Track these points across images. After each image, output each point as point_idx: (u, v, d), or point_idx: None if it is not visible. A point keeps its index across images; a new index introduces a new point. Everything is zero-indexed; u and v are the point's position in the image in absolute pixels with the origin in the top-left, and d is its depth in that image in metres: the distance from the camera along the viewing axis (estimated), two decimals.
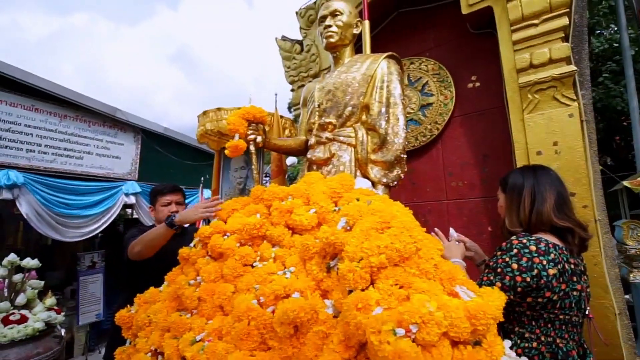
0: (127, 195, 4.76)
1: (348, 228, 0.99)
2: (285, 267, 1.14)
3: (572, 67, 1.64)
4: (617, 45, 5.86)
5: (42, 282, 2.57)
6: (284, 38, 2.80)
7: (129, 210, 6.87)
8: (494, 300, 0.77)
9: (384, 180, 1.49)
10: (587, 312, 1.09)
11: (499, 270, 1.01)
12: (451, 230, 1.39)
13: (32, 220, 3.91)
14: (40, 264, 2.56)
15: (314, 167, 1.61)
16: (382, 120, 1.50)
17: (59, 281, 5.18)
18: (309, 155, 1.65)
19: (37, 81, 4.25)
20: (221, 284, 1.21)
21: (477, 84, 2.16)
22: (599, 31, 6.20)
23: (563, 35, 1.69)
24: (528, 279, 0.96)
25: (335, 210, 1.19)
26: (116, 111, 5.02)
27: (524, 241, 1.01)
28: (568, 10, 1.67)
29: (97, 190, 4.56)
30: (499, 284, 0.99)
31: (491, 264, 1.06)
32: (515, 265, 0.99)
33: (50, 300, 2.53)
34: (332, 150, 1.56)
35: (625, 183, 3.44)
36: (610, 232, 1.86)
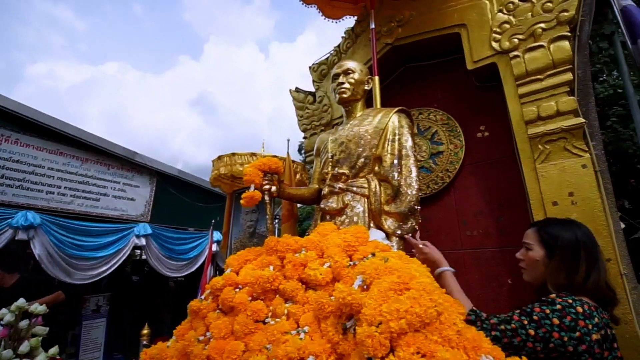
0: (138, 236, 4.79)
1: (365, 287, 0.97)
2: (298, 326, 1.10)
3: (581, 120, 1.67)
4: (621, 90, 5.98)
5: (47, 329, 2.51)
6: (298, 89, 2.96)
7: (137, 252, 6.86)
8: None
9: (399, 232, 1.47)
10: None
11: (535, 317, 0.95)
12: (411, 239, 1.42)
13: (43, 262, 3.93)
14: (48, 310, 2.53)
15: (327, 217, 1.61)
16: (395, 172, 1.53)
17: (62, 325, 5.05)
18: (322, 205, 1.67)
19: (64, 127, 4.51)
20: (231, 341, 1.17)
21: (486, 134, 2.20)
22: (602, 78, 6.37)
23: (568, 89, 1.74)
24: (565, 339, 0.90)
25: (350, 264, 1.17)
26: (135, 155, 5.23)
27: (570, 301, 0.96)
28: (571, 66, 1.74)
29: (109, 231, 4.61)
30: (532, 331, 0.93)
31: (526, 308, 1.00)
32: (556, 321, 0.92)
33: (53, 349, 2.46)
34: (346, 201, 1.57)
35: None
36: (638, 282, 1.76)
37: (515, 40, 1.86)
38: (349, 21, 2.71)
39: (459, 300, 1.08)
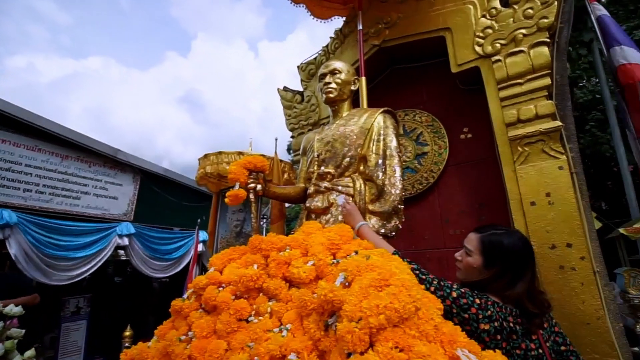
0: (120, 236, 4.69)
1: (347, 284, 0.98)
2: (281, 323, 1.10)
3: (558, 123, 1.73)
4: (599, 96, 6.21)
5: (23, 331, 2.44)
6: (286, 89, 2.96)
7: (120, 252, 6.71)
8: None
9: (382, 230, 1.49)
10: None
11: (442, 284, 1.07)
12: (340, 198, 1.49)
13: (19, 262, 3.80)
14: (24, 311, 2.45)
15: (313, 216, 1.62)
16: (379, 171, 1.55)
17: (40, 327, 4.89)
18: (307, 204, 1.67)
19: (43, 122, 4.37)
20: (214, 340, 1.16)
21: (469, 135, 2.26)
22: (581, 84, 6.59)
23: (547, 93, 1.80)
24: (454, 311, 1.01)
25: (333, 262, 1.18)
26: (117, 152, 5.11)
27: (473, 293, 1.05)
28: (550, 71, 1.80)
29: (90, 231, 4.50)
30: (432, 288, 1.06)
31: (444, 279, 1.11)
32: (454, 294, 1.03)
33: (29, 352, 2.38)
34: (331, 200, 1.58)
35: (622, 230, 3.45)
36: (611, 281, 1.81)
37: (498, 45, 1.91)
38: (340, 21, 2.73)
39: (381, 245, 1.25)
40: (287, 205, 3.99)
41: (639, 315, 2.43)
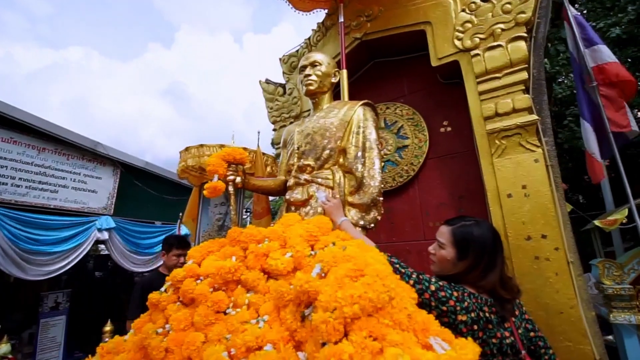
0: (100, 230, 4.58)
1: (323, 275, 0.98)
2: (259, 315, 1.10)
3: (534, 117, 1.77)
4: (577, 92, 6.36)
5: None
6: (268, 81, 2.92)
7: (101, 246, 6.56)
8: (468, 353, 0.76)
9: (361, 222, 1.51)
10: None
11: (421, 277, 1.09)
12: (319, 194, 1.49)
13: None
14: None
15: (292, 208, 1.62)
16: (359, 163, 1.55)
17: (18, 323, 4.76)
18: (287, 197, 1.67)
19: (19, 114, 4.20)
20: (191, 333, 1.15)
21: (449, 129, 2.29)
22: (560, 79, 6.74)
23: (524, 87, 1.83)
24: (433, 304, 1.02)
25: (311, 254, 1.18)
26: (97, 145, 4.96)
27: (450, 286, 1.07)
28: (527, 65, 1.84)
29: (68, 225, 4.37)
30: (411, 282, 1.07)
31: (422, 272, 1.13)
32: (433, 287, 1.05)
33: (5, 347, 2.34)
34: (310, 192, 1.58)
35: (596, 222, 3.56)
36: (586, 272, 1.86)
37: (477, 39, 1.93)
38: (323, 14, 2.69)
39: (362, 239, 1.25)
40: (271, 198, 3.97)
41: (613, 305, 2.53)
